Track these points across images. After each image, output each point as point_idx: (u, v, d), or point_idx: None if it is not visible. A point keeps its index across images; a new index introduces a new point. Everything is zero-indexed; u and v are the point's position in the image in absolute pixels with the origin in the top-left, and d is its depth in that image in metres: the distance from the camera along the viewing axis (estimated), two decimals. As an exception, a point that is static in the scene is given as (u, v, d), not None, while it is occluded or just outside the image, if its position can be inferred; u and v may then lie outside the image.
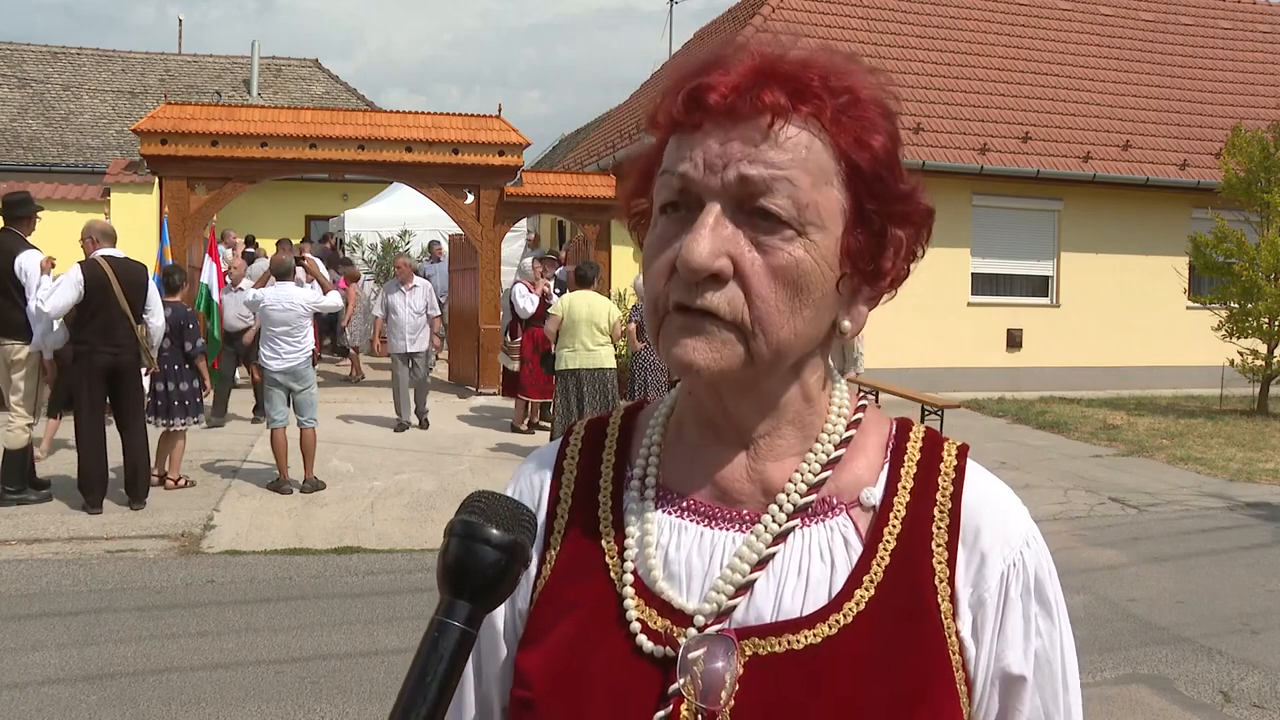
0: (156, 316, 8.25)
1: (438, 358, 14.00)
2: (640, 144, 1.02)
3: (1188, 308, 16.64)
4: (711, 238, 0.89)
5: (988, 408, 14.35)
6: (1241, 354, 14.44)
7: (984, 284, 16.71)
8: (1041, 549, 1.00)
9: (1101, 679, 5.24)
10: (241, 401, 12.55)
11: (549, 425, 11.71)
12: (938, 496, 0.99)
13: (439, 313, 12.30)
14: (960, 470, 1.01)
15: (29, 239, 8.30)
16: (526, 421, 11.85)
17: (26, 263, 7.97)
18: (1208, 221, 15.04)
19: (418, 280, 12.17)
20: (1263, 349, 14.37)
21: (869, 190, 0.93)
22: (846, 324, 0.97)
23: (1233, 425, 13.29)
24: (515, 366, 11.81)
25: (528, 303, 11.78)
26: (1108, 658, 5.52)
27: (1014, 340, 16.67)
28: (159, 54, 28.38)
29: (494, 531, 0.84)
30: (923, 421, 1.12)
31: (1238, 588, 6.84)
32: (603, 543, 1.02)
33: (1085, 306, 16.77)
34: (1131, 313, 16.76)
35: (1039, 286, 17.12)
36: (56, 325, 7.98)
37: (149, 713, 4.70)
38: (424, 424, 11.82)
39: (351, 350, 16.42)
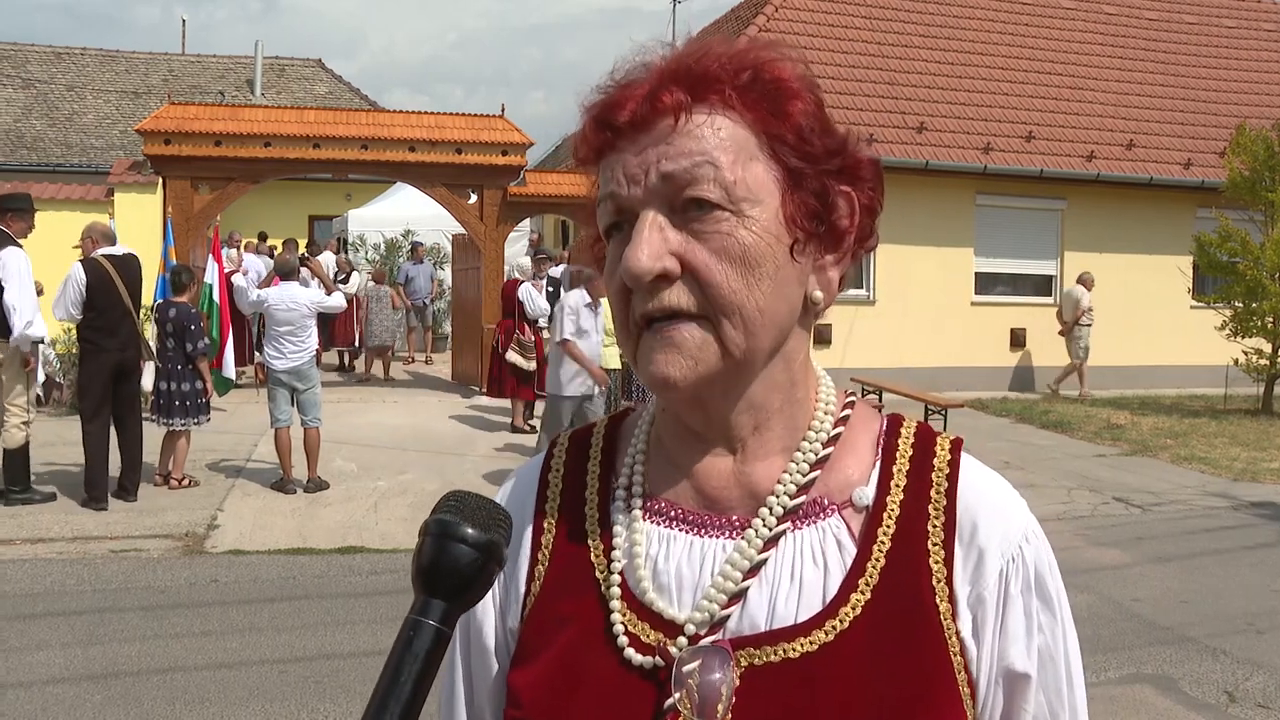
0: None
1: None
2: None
3: (1192, 307, 16.60)
4: (649, 242, 0.90)
5: (991, 407, 14.34)
6: (1246, 353, 14.41)
7: (987, 283, 16.70)
8: (1041, 543, 0.99)
9: (1105, 679, 5.24)
10: (240, 399, 12.57)
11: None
12: (932, 494, 0.97)
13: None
14: (954, 465, 0.99)
15: (23, 239, 8.12)
16: (525, 421, 11.84)
17: (6, 257, 7.83)
18: (1212, 221, 14.99)
19: None
20: (1267, 348, 14.34)
21: (798, 154, 0.93)
22: (818, 294, 0.97)
23: (1237, 425, 13.28)
24: (531, 365, 11.69)
25: (544, 301, 11.73)
26: (1111, 658, 5.51)
27: (1017, 340, 16.66)
28: (162, 54, 28.43)
29: (469, 530, 0.83)
30: (926, 421, 1.12)
31: (1242, 587, 6.83)
32: (591, 556, 1.00)
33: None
34: (1135, 312, 16.74)
35: (1042, 286, 17.10)
36: (39, 326, 7.85)
37: (153, 712, 4.71)
38: None
39: (376, 352, 16.35)
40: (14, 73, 25.31)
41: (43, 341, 8.10)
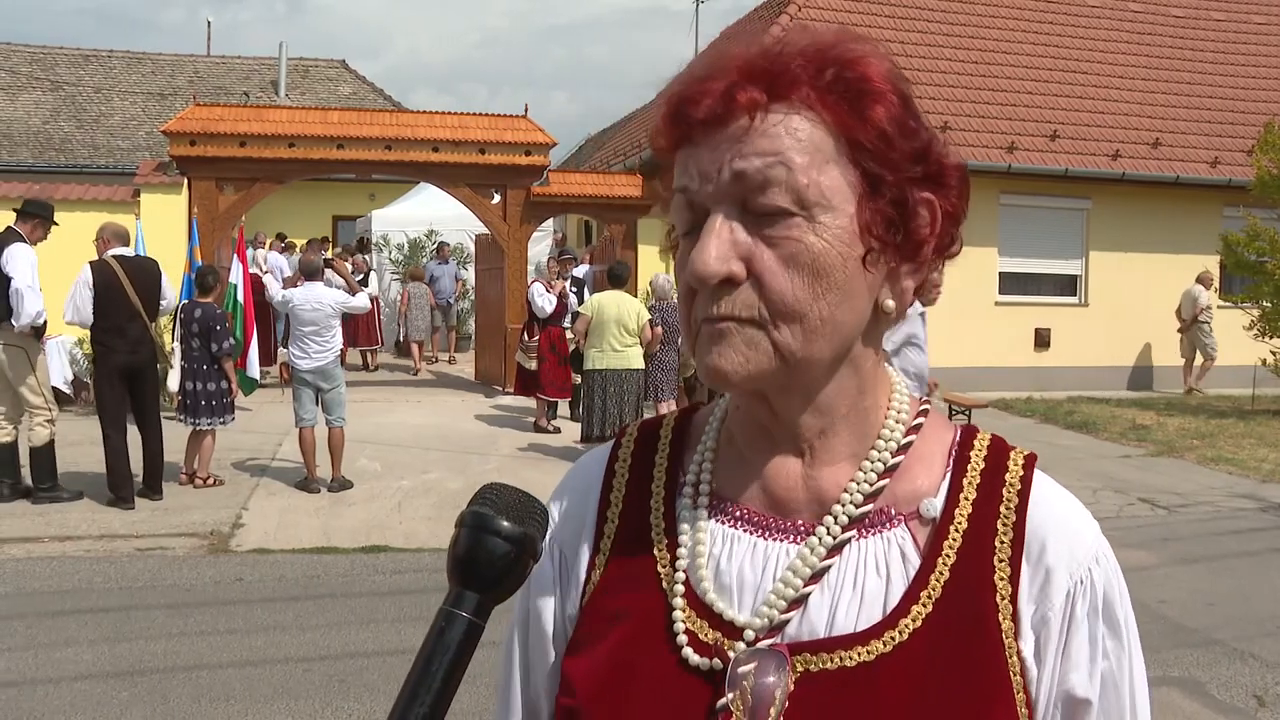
0: (167, 302, 8.52)
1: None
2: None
3: (1219, 307, 16.48)
4: (717, 243, 0.88)
5: (1015, 407, 14.27)
6: (1274, 353, 14.29)
7: (1012, 283, 16.61)
8: (1111, 566, 0.96)
9: (1132, 681, 5.19)
10: (264, 399, 12.64)
11: (574, 423, 11.74)
12: (1001, 509, 0.95)
13: None
14: (1026, 482, 0.97)
15: (35, 246, 8.16)
16: (548, 421, 11.86)
17: (12, 250, 7.87)
18: (1239, 220, 14.88)
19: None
20: (1296, 348, 14.21)
21: (877, 159, 0.90)
22: (889, 303, 0.94)
23: (1265, 425, 13.14)
24: (533, 365, 11.81)
25: (545, 302, 11.79)
26: (1138, 660, 5.46)
27: (1042, 339, 16.56)
28: (188, 56, 28.64)
29: (504, 523, 0.83)
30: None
31: (1271, 590, 6.76)
32: (655, 551, 1.00)
33: (1114, 306, 16.63)
34: (1162, 312, 16.62)
35: (1067, 286, 17.00)
36: (36, 315, 7.88)
37: (179, 709, 4.74)
38: None
39: (415, 345, 17.01)
40: (43, 75, 25.56)
41: (39, 328, 8.09)
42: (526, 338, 11.93)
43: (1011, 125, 16.43)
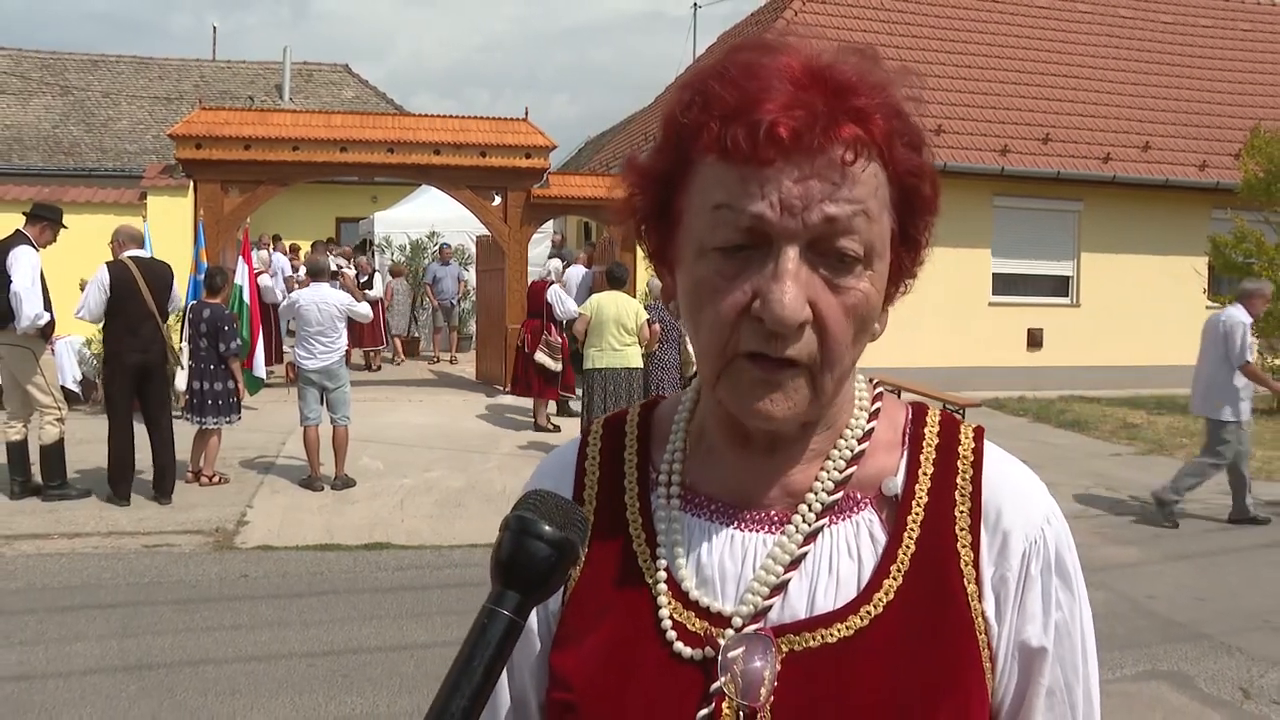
0: (175, 305, 8.69)
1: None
2: (647, 150, 0.98)
3: (1207, 307, 16.52)
4: (795, 287, 0.86)
5: (1008, 407, 14.35)
6: (1261, 354, 14.37)
7: (1004, 284, 16.71)
8: (1061, 525, 1.01)
9: (1121, 675, 5.28)
10: (269, 398, 12.75)
11: (567, 423, 11.83)
12: (958, 480, 1.00)
13: None
14: (978, 453, 1.02)
15: (43, 248, 8.27)
16: (548, 419, 11.96)
17: (17, 253, 7.98)
18: (1227, 222, 14.98)
19: None
20: (1284, 348, 14.28)
21: (911, 206, 0.93)
22: (876, 328, 0.96)
23: (1253, 424, 13.19)
24: (559, 366, 11.81)
25: (572, 304, 11.87)
26: (1127, 654, 5.55)
27: (1034, 340, 16.66)
28: (194, 61, 28.77)
29: (547, 528, 0.86)
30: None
31: (1258, 585, 6.86)
32: (634, 546, 1.02)
33: (1105, 306, 16.75)
34: (1151, 312, 16.73)
35: (1059, 286, 17.10)
36: (35, 317, 7.96)
37: (185, 703, 4.81)
38: None
39: (397, 340, 17.86)
40: (53, 80, 25.69)
41: (46, 329, 8.20)
42: (549, 337, 11.84)
43: (1004, 129, 16.54)
